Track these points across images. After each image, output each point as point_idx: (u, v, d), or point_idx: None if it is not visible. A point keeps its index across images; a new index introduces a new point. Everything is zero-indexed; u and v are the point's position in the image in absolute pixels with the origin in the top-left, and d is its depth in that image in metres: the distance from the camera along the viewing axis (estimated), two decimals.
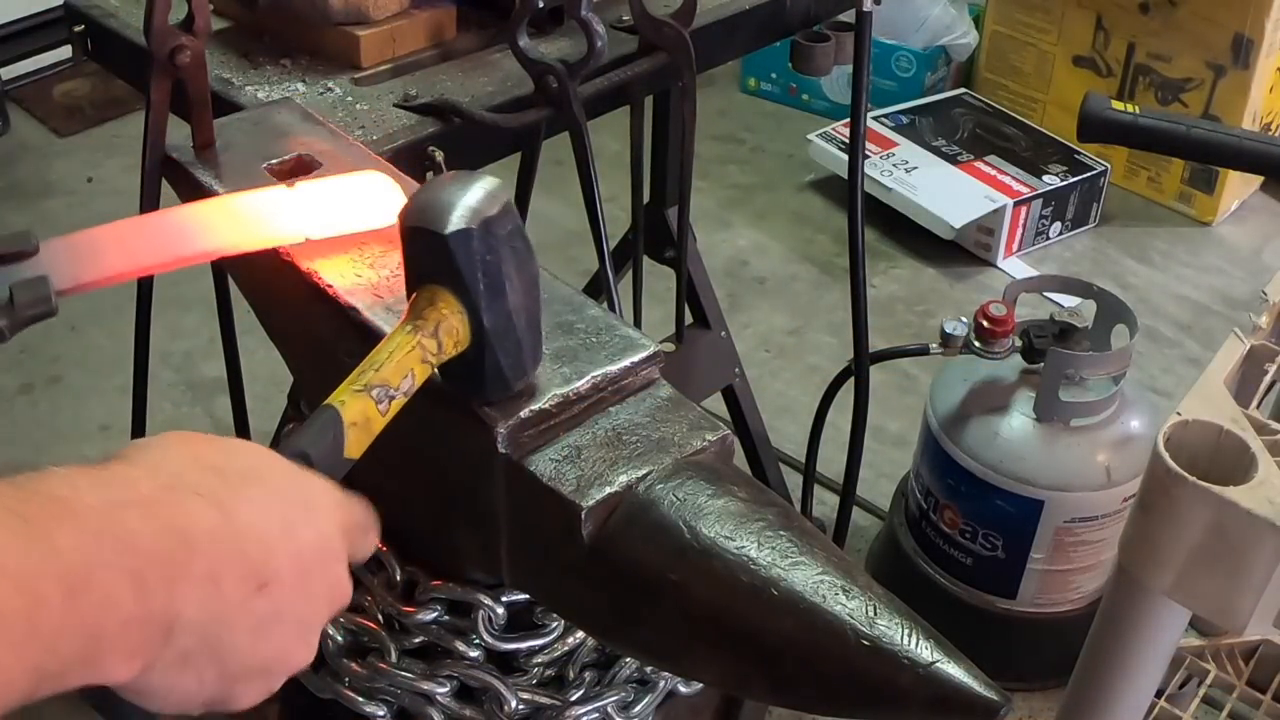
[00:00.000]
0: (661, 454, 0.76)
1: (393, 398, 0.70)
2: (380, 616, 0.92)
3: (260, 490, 0.61)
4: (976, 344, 1.74)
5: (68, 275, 0.78)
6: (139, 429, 1.60)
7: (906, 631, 0.67)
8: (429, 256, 0.72)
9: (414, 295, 0.74)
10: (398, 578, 0.91)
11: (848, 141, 2.18)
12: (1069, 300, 2.25)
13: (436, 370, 0.73)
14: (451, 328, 0.72)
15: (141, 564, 0.54)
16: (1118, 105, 1.48)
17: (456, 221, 0.70)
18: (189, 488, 0.58)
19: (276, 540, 0.60)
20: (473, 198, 0.71)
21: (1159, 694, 1.50)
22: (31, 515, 0.51)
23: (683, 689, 0.96)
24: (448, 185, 0.73)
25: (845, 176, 1.69)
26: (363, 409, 0.69)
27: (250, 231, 0.86)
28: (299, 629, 0.63)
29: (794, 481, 2.16)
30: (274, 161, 0.96)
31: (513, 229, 0.73)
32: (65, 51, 3.31)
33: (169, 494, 0.57)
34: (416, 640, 0.91)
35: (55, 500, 0.53)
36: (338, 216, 0.87)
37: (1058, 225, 3.08)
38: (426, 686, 0.90)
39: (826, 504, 2.19)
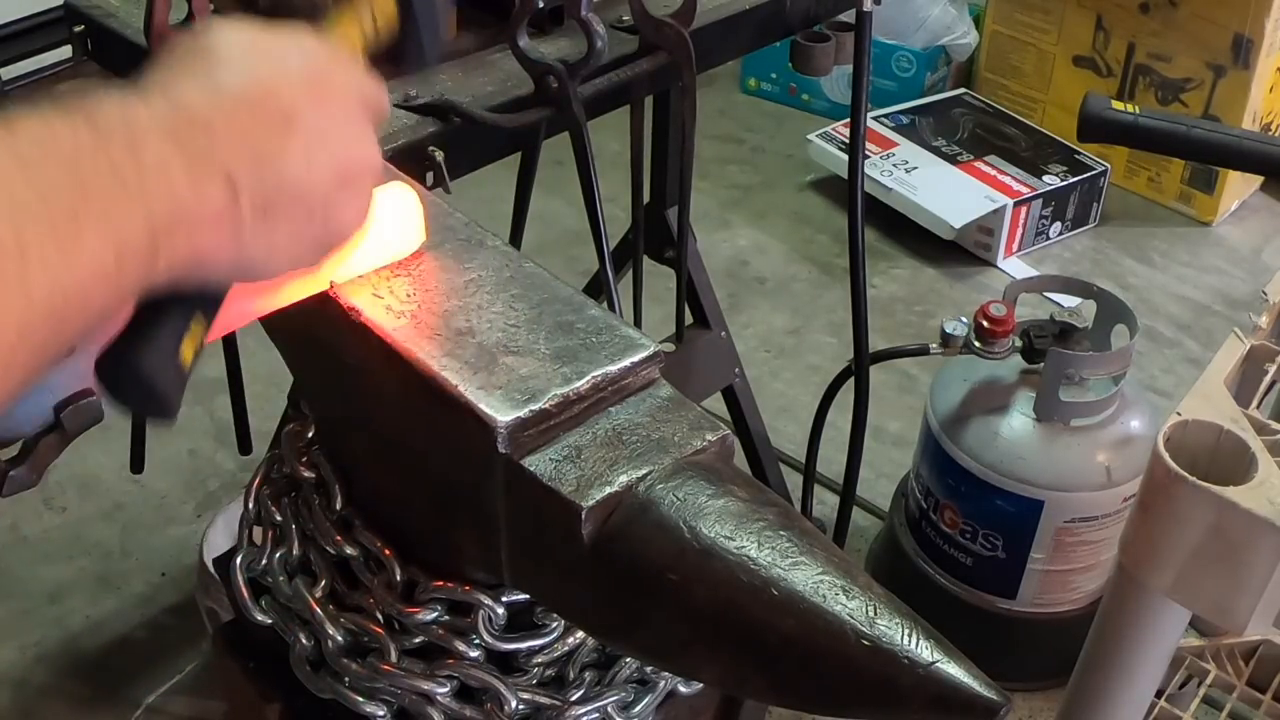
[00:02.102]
0: (661, 454, 0.76)
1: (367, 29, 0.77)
2: (380, 616, 0.92)
3: (248, 55, 0.65)
4: (976, 344, 1.74)
5: None
6: (138, 429, 1.60)
7: (907, 631, 0.67)
8: None
9: None
10: (398, 578, 0.91)
11: (848, 141, 2.19)
12: (1069, 300, 2.25)
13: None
14: (384, 8, 0.78)
15: (171, 134, 0.58)
16: (1118, 105, 1.48)
17: None
18: (177, 77, 0.62)
19: (278, 81, 0.64)
20: None
21: (1159, 694, 1.50)
22: (62, 114, 0.56)
23: (683, 689, 0.96)
24: None
25: (845, 176, 1.69)
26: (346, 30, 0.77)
27: (284, 290, 0.81)
28: (346, 137, 0.67)
29: (794, 481, 2.16)
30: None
31: None
32: (65, 51, 3.31)
33: (161, 87, 0.61)
34: (417, 640, 0.91)
35: (79, 107, 0.57)
36: (366, 250, 0.83)
37: (1058, 225, 3.08)
38: (426, 686, 0.90)
39: (826, 504, 2.19)
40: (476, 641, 0.89)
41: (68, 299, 0.53)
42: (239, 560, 1.01)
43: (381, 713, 0.92)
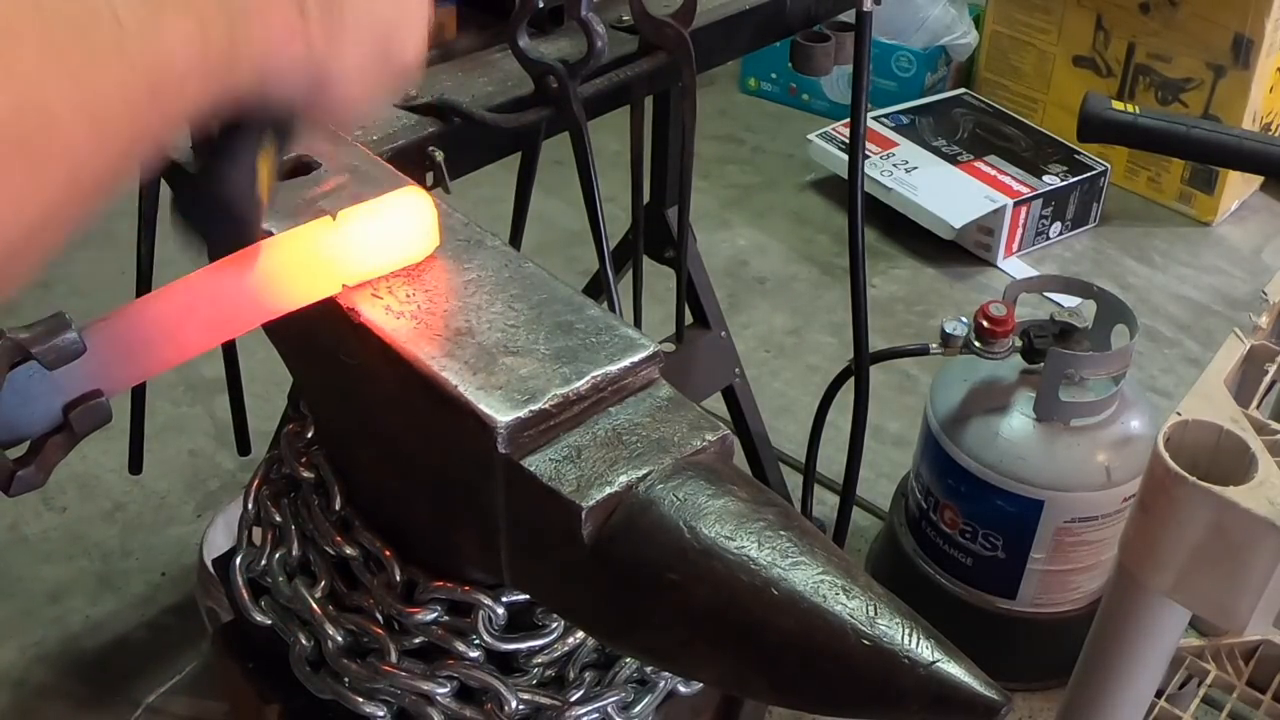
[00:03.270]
0: (661, 454, 0.76)
1: None
2: (380, 617, 0.92)
3: None
4: (976, 344, 1.74)
5: (119, 378, 0.74)
6: (138, 429, 1.60)
7: (907, 631, 0.67)
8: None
9: None
10: (398, 578, 0.91)
11: (848, 141, 2.18)
12: (1069, 300, 2.26)
13: None
14: None
15: None
16: (1118, 105, 1.48)
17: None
18: None
19: None
20: None
21: (1159, 694, 1.50)
22: None
23: (683, 689, 0.96)
24: None
25: (845, 176, 1.69)
26: None
27: (297, 290, 0.81)
28: None
29: (794, 481, 2.16)
30: None
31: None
32: None
33: None
34: (416, 640, 0.91)
35: None
36: (379, 252, 0.83)
37: (1058, 225, 3.08)
38: (426, 687, 0.90)
39: (826, 504, 2.19)
40: (476, 642, 0.89)
41: (164, 73, 0.53)
42: (238, 561, 1.01)
43: (381, 713, 0.92)
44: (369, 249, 0.82)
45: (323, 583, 0.96)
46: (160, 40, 0.53)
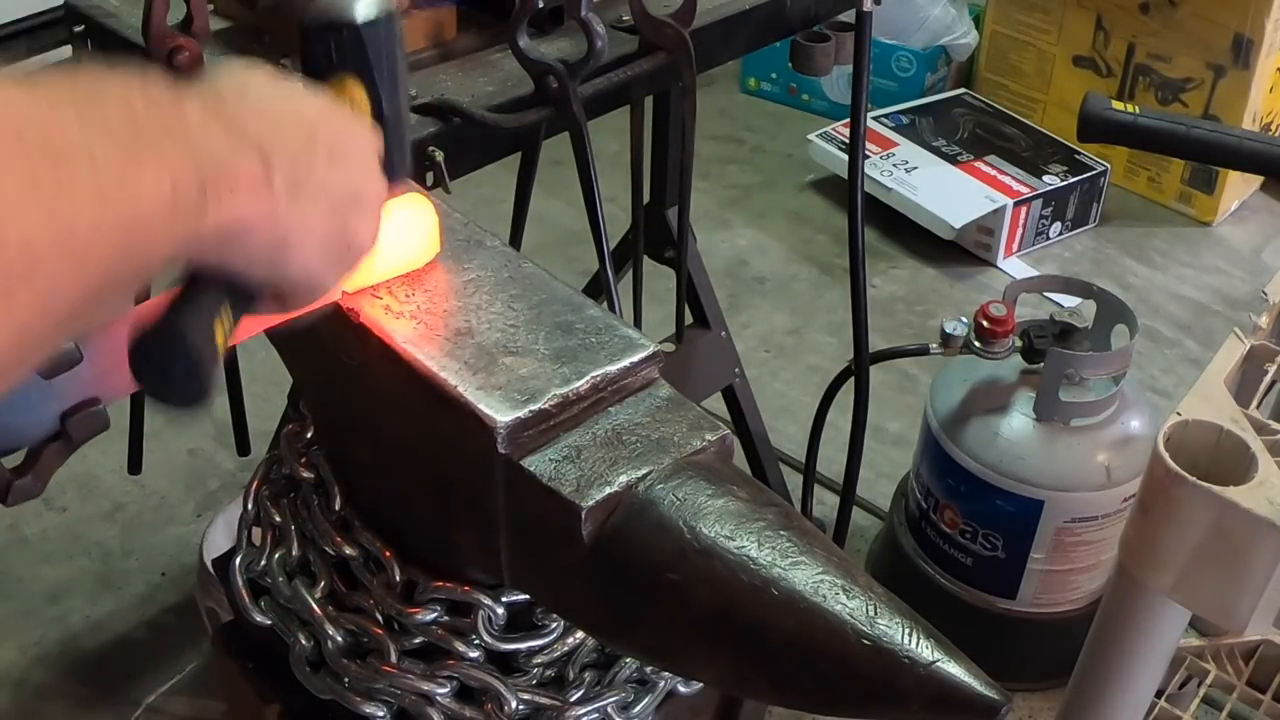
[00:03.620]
0: (661, 454, 0.76)
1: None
2: (380, 617, 0.92)
3: (267, 82, 0.69)
4: (976, 344, 1.74)
5: (117, 386, 0.75)
6: (137, 429, 1.60)
7: (907, 631, 0.67)
8: (338, 49, 0.76)
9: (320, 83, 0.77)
10: (398, 578, 0.91)
11: (848, 141, 2.18)
12: (1069, 300, 2.26)
13: None
14: (361, 108, 0.77)
15: (208, 112, 0.61)
16: (1118, 105, 1.48)
17: (368, 11, 0.76)
18: (209, 83, 0.67)
19: (297, 102, 0.69)
20: None
21: (1159, 694, 1.50)
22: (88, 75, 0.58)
23: (683, 689, 0.96)
24: None
25: (845, 176, 1.69)
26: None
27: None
28: (361, 164, 0.72)
29: (794, 481, 2.16)
30: None
31: (401, 26, 0.80)
32: (65, 51, 3.31)
33: (191, 89, 0.64)
34: (416, 641, 0.91)
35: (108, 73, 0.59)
36: (381, 260, 0.82)
37: (1058, 225, 3.08)
38: (426, 687, 0.90)
39: (826, 504, 2.19)
40: (476, 642, 0.89)
41: (136, 216, 0.55)
42: (238, 561, 1.01)
43: (381, 713, 0.92)
44: (374, 256, 0.82)
45: (322, 583, 0.96)
46: (133, 184, 0.54)
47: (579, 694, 0.91)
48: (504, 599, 0.88)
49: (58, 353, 0.70)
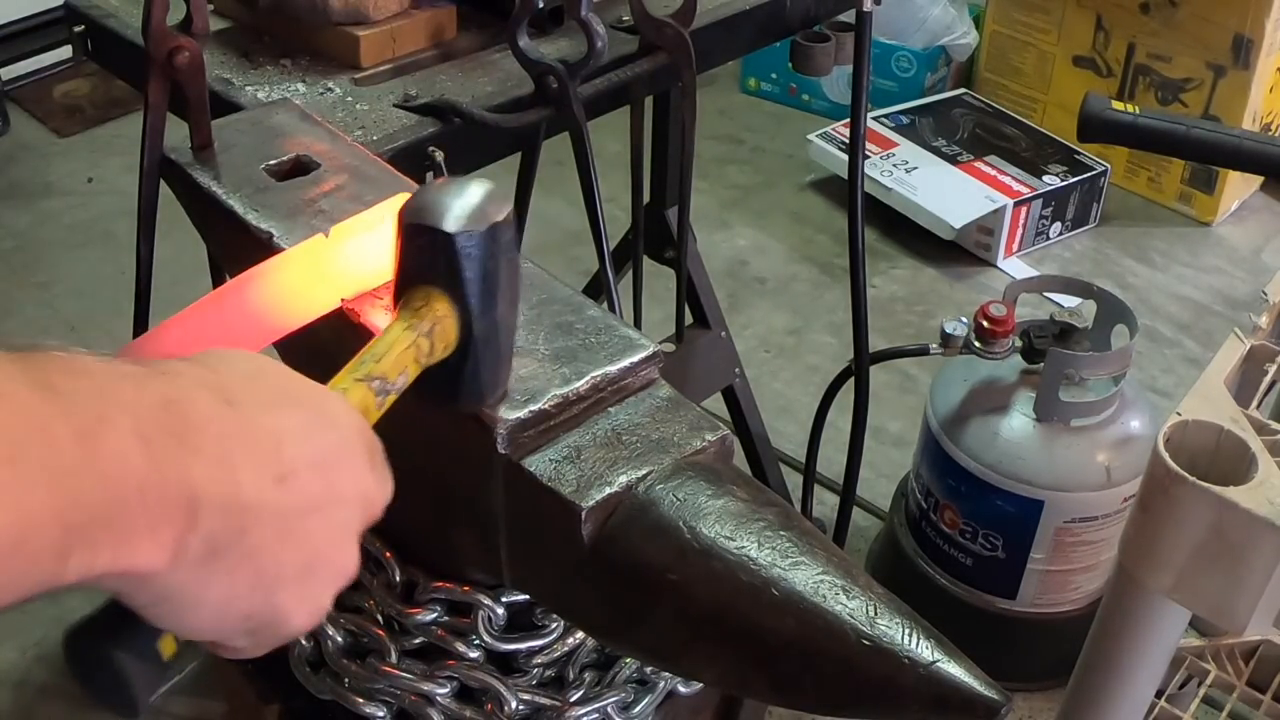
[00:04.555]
0: (661, 454, 0.76)
1: (388, 392, 0.69)
2: (380, 617, 0.92)
3: (270, 391, 0.58)
4: (976, 344, 1.74)
5: None
6: None
7: (907, 631, 0.67)
8: (429, 256, 0.70)
9: (408, 293, 0.71)
10: (398, 579, 0.91)
11: (848, 141, 2.18)
12: (1069, 300, 2.25)
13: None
14: (445, 330, 0.71)
15: (146, 428, 0.51)
16: (1118, 105, 1.48)
17: (464, 222, 0.69)
18: (189, 377, 0.55)
19: (288, 434, 0.57)
20: (478, 200, 0.70)
21: (1159, 694, 1.50)
22: (33, 363, 0.49)
23: (683, 689, 0.96)
24: (453, 186, 0.71)
25: (845, 176, 1.69)
26: (362, 399, 0.68)
27: (298, 309, 0.79)
28: (330, 530, 0.60)
29: (794, 481, 2.16)
30: (272, 163, 0.96)
31: (511, 238, 0.72)
32: (65, 51, 3.31)
33: (167, 378, 0.54)
34: (416, 641, 0.91)
35: (56, 357, 0.50)
36: (378, 264, 0.81)
37: (1058, 225, 3.08)
38: (426, 687, 0.90)
39: (826, 504, 2.18)
40: (476, 642, 0.89)
41: (12, 537, 0.46)
42: None
43: (381, 714, 0.92)
44: (366, 261, 0.82)
45: None
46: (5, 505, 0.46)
47: (579, 694, 0.91)
48: (504, 599, 0.88)
49: None
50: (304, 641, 0.95)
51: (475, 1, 1.35)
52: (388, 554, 0.91)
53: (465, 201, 0.70)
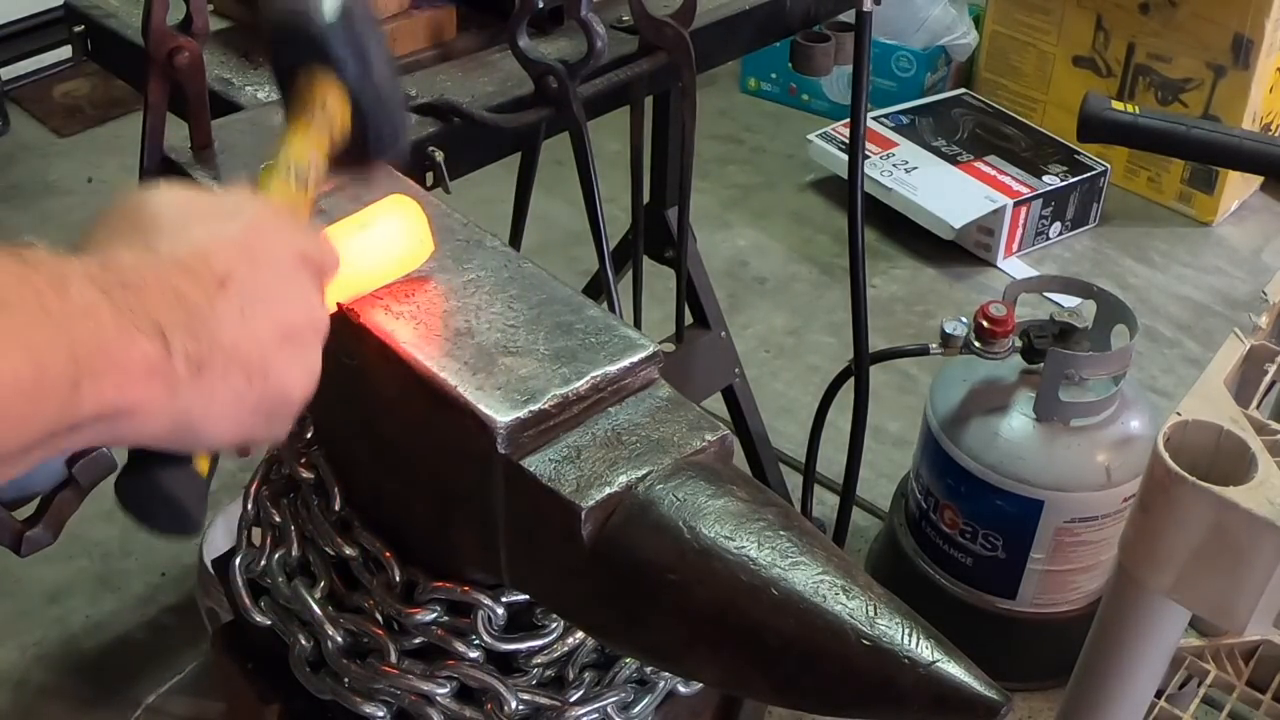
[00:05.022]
0: (661, 454, 0.76)
1: (305, 177, 0.77)
2: (380, 617, 0.92)
3: (175, 221, 0.64)
4: (976, 344, 1.74)
5: None
6: None
7: (907, 631, 0.67)
8: (305, 47, 0.78)
9: (292, 90, 0.80)
10: (397, 578, 0.91)
11: (848, 141, 2.19)
12: (1069, 300, 2.25)
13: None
14: (334, 109, 0.79)
15: (98, 282, 0.57)
16: (1118, 105, 1.48)
17: (332, 10, 0.78)
18: (110, 241, 0.63)
19: (208, 245, 0.63)
20: None
21: (1159, 694, 1.50)
22: None
23: (683, 689, 0.96)
24: None
25: (845, 176, 1.69)
26: (282, 191, 0.76)
27: None
28: (287, 297, 0.66)
29: (794, 481, 2.16)
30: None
31: (365, 8, 0.81)
32: (65, 51, 3.31)
33: (92, 248, 0.62)
34: (416, 641, 0.91)
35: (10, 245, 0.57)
36: (370, 266, 0.83)
37: (1058, 225, 3.08)
38: (426, 687, 0.90)
39: (826, 504, 2.19)
40: (476, 642, 0.89)
41: None
42: (238, 561, 1.01)
43: (381, 713, 0.92)
44: (361, 263, 0.82)
45: (322, 583, 0.96)
46: None
47: (579, 694, 0.91)
48: (504, 599, 0.88)
49: None
50: (304, 641, 0.95)
51: (475, 1, 1.35)
52: (388, 554, 0.91)
53: None
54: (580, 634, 0.91)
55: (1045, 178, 3.04)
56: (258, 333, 0.64)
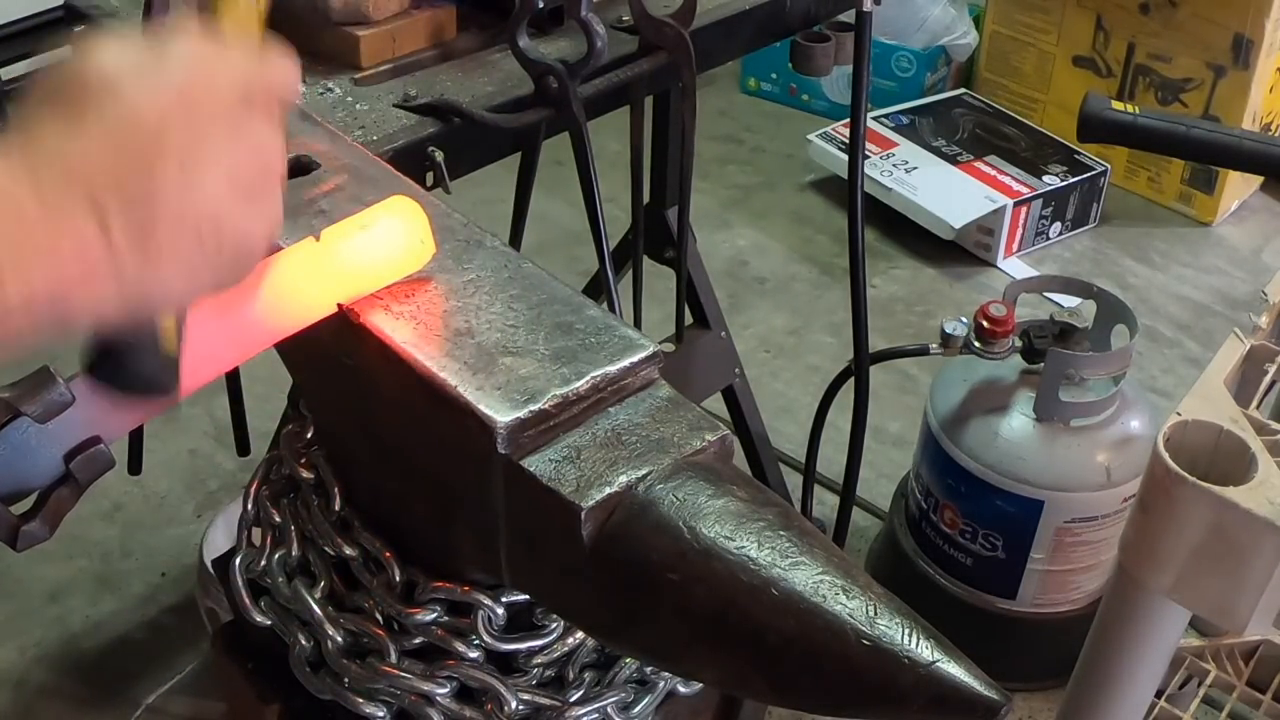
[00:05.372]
0: (661, 454, 0.76)
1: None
2: (380, 617, 0.92)
3: (107, 78, 0.60)
4: (976, 344, 1.74)
5: (116, 426, 0.74)
6: (137, 430, 1.60)
7: (907, 631, 0.67)
8: None
9: None
10: (397, 578, 0.91)
11: (848, 141, 2.18)
12: (1069, 300, 2.25)
13: None
14: None
15: (20, 161, 0.55)
16: (1118, 105, 1.48)
17: None
18: (37, 117, 0.58)
19: (140, 100, 0.59)
20: None
21: (1159, 694, 1.50)
22: None
23: (683, 689, 0.96)
24: None
25: (845, 176, 1.69)
26: (233, 11, 0.72)
27: (293, 314, 0.80)
28: (233, 141, 0.62)
29: (794, 481, 2.15)
30: None
31: None
32: (65, 52, 3.31)
33: (17, 127, 0.58)
34: (416, 641, 0.91)
35: None
36: (371, 268, 0.82)
37: (1058, 225, 3.08)
38: (426, 687, 0.90)
39: (826, 504, 2.18)
40: (476, 642, 0.89)
41: None
42: (238, 561, 1.01)
43: (381, 713, 0.92)
44: (362, 263, 0.82)
45: (322, 583, 0.96)
46: None
47: (579, 694, 0.91)
48: (504, 599, 0.88)
49: (49, 399, 0.70)
50: (304, 641, 0.95)
51: (475, 1, 1.35)
52: (388, 554, 0.91)
53: None
54: (580, 634, 0.91)
55: (1045, 178, 3.04)
56: (204, 189, 0.59)
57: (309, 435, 0.99)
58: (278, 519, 1.00)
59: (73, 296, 0.56)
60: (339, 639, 0.93)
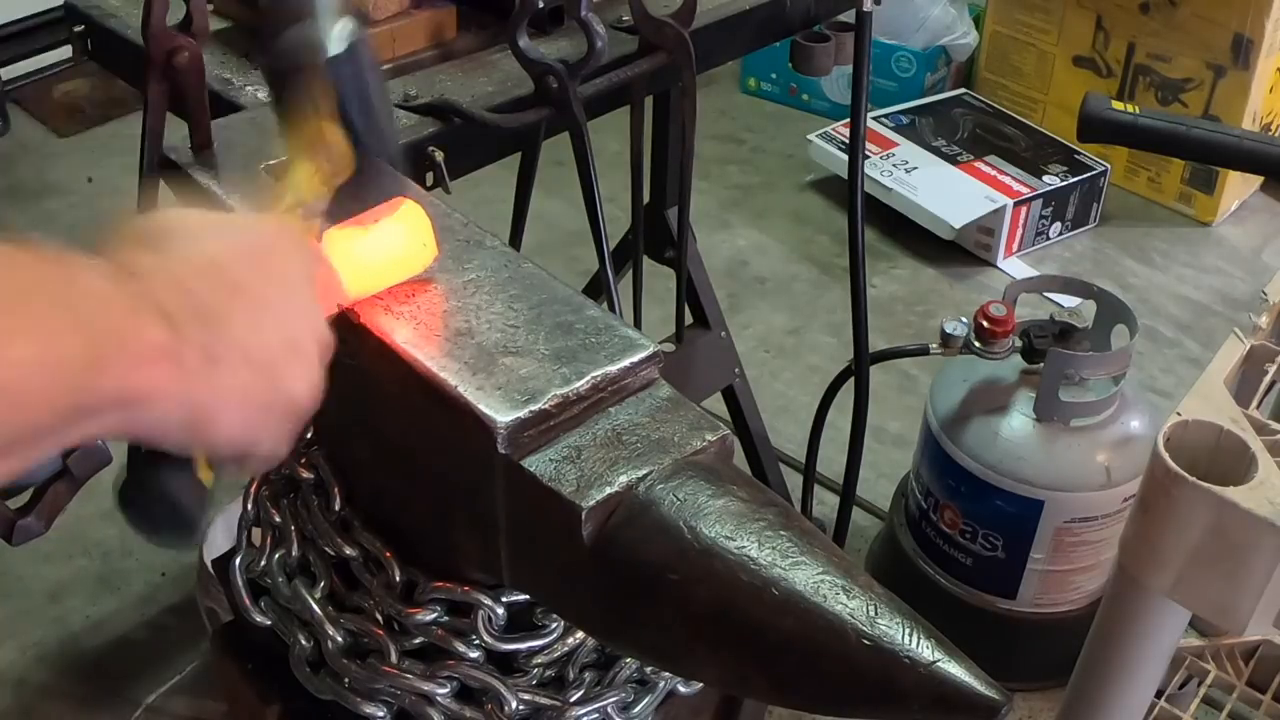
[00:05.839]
0: (661, 454, 0.76)
1: (310, 213, 0.79)
2: (380, 617, 0.92)
3: (188, 234, 0.66)
4: (976, 344, 1.74)
5: None
6: None
7: (907, 631, 0.67)
8: (305, 88, 0.78)
9: (295, 125, 0.80)
10: (397, 578, 0.91)
11: (848, 141, 2.18)
12: (1069, 300, 2.25)
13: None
14: (338, 151, 0.80)
15: (108, 274, 0.60)
16: (1118, 105, 1.48)
17: (334, 47, 0.78)
18: (123, 244, 0.64)
19: (221, 254, 0.66)
20: (335, 27, 0.78)
21: (1159, 694, 1.50)
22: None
23: (683, 689, 0.96)
24: (307, 21, 0.79)
25: (845, 176, 1.69)
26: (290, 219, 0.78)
27: None
28: (294, 308, 0.69)
29: (794, 481, 2.15)
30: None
31: (370, 53, 0.82)
32: (65, 51, 3.31)
33: (109, 252, 0.63)
34: (416, 641, 0.91)
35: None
36: (373, 270, 0.83)
37: (1058, 225, 3.08)
38: (426, 687, 0.90)
39: (826, 504, 2.18)
40: (476, 642, 0.89)
41: (5, 383, 0.54)
42: (238, 561, 1.01)
43: (381, 714, 0.92)
44: (363, 264, 0.82)
45: (322, 583, 0.96)
46: (4, 349, 0.54)
47: (579, 694, 0.91)
48: (504, 599, 0.88)
49: None
50: (304, 641, 0.95)
51: (475, 1, 1.35)
52: (388, 554, 0.91)
53: (325, 30, 0.78)
54: (580, 634, 0.91)
55: (1045, 178, 3.04)
56: (267, 339, 0.66)
57: (309, 435, 0.99)
58: (278, 519, 1.00)
59: (147, 399, 0.60)
60: (339, 639, 0.93)
